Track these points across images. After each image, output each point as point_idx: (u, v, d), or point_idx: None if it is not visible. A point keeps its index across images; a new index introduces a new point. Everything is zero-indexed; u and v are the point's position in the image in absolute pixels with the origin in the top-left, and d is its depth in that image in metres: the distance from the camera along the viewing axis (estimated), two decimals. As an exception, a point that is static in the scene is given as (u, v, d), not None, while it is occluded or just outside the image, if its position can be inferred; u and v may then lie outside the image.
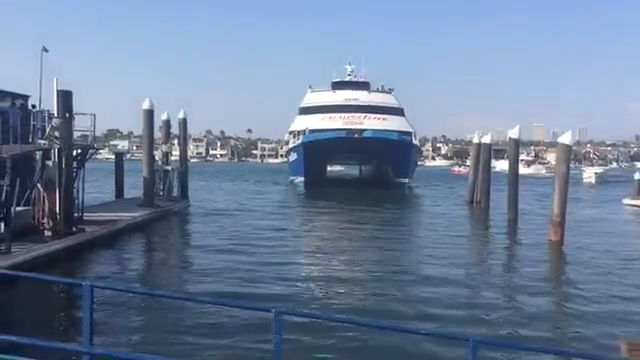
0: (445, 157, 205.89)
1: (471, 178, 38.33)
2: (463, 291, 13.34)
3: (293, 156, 57.67)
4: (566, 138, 21.56)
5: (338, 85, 63.54)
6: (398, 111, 61.30)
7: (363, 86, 63.02)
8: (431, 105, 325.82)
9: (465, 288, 13.68)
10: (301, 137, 55.28)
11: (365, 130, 53.98)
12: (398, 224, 27.46)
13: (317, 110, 60.00)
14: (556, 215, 20.86)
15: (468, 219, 31.71)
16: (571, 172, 22.33)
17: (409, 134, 56.96)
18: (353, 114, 58.09)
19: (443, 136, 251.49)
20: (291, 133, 61.93)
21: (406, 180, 53.76)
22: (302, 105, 63.93)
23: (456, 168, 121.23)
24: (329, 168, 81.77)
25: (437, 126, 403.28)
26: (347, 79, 65.42)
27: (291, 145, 59.82)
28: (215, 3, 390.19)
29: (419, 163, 72.30)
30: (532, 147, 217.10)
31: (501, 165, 61.00)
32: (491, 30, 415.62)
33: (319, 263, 17.19)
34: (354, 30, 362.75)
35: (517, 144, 29.51)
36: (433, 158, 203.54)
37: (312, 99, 63.11)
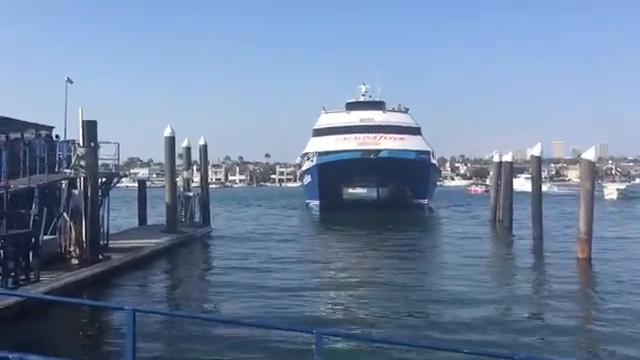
0: (464, 177, 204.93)
1: (493, 197, 38.02)
2: (497, 312, 13.17)
3: (307, 179, 56.02)
4: (590, 154, 21.32)
5: (352, 106, 62.25)
6: (415, 130, 59.77)
7: (378, 106, 61.60)
8: (448, 125, 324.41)
9: (499, 309, 13.50)
10: (315, 159, 53.72)
11: (381, 150, 51.99)
12: (419, 248, 26.34)
13: (331, 132, 58.79)
14: (583, 232, 20.55)
15: (492, 239, 31.28)
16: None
17: (427, 153, 55.16)
18: (368, 135, 56.52)
19: (461, 156, 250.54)
20: (304, 156, 60.64)
21: (425, 201, 52.03)
22: (316, 127, 62.64)
23: (472, 187, 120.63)
24: (350, 191, 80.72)
25: (455, 146, 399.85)
26: (362, 99, 63.98)
27: (305, 168, 58.16)
28: (231, 31, 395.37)
29: (438, 183, 70.05)
30: (552, 164, 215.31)
31: (517, 183, 60.06)
32: (508, 49, 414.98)
33: (339, 287, 16.68)
34: (369, 50, 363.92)
35: (539, 162, 29.32)
36: (452, 178, 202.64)
37: (326, 120, 61.79)
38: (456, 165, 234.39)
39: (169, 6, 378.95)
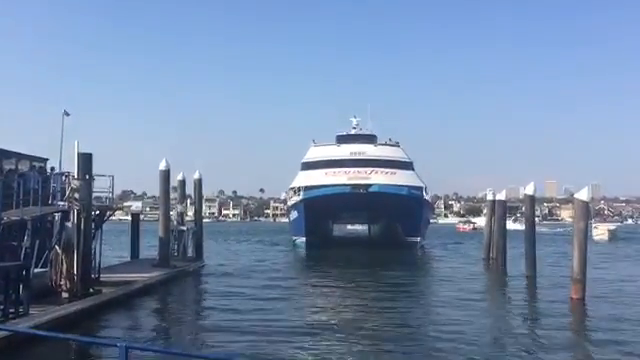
0: (458, 214, 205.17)
1: (486, 235, 38.00)
2: (491, 350, 13.02)
3: (294, 214, 54.16)
4: (583, 194, 21.41)
5: (343, 139, 60.40)
6: (407, 165, 57.75)
7: (369, 139, 59.64)
8: (442, 162, 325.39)
9: (492, 348, 13.35)
10: (301, 194, 51.58)
11: (371, 185, 49.73)
12: (409, 292, 23.89)
13: (320, 165, 56.76)
14: (576, 273, 20.51)
15: (487, 278, 30.93)
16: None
17: (419, 189, 53.02)
18: (359, 169, 54.36)
19: (455, 193, 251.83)
20: (292, 189, 58.22)
21: (417, 239, 50.17)
22: (304, 160, 60.47)
23: (460, 225, 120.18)
24: (349, 227, 79.02)
25: (448, 184, 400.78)
26: (352, 132, 62.15)
27: (291, 203, 56.08)
28: (223, 65, 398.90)
29: (431, 221, 68.47)
30: (545, 204, 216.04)
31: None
32: (503, 85, 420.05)
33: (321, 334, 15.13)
34: (360, 83, 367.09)
35: (533, 201, 29.45)
36: (446, 215, 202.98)
37: (315, 153, 59.73)
38: (449, 202, 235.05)
39: (165, 36, 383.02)
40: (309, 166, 58.54)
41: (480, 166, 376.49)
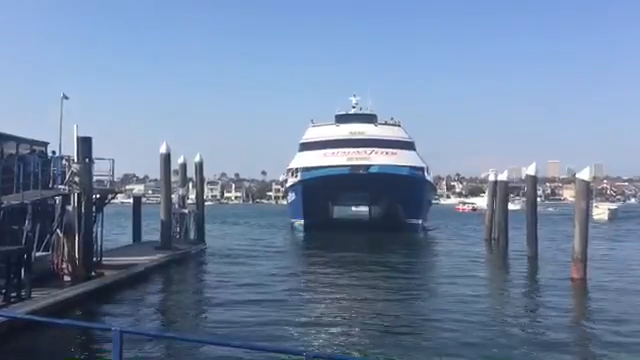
0: (460, 195, 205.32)
1: (488, 216, 38.04)
2: (492, 333, 13.01)
3: (291, 196, 52.62)
4: (584, 174, 21.38)
5: (342, 118, 58.14)
6: (408, 145, 55.26)
7: (369, 119, 57.43)
8: (444, 143, 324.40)
9: (493, 330, 13.36)
10: (299, 175, 50.32)
11: (371, 166, 47.85)
12: (411, 275, 23.04)
13: (319, 146, 54.62)
14: (577, 253, 20.58)
15: (488, 259, 30.89)
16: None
17: (421, 169, 51.31)
18: (358, 149, 52.20)
19: (457, 174, 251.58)
20: (289, 171, 56.43)
21: (419, 221, 48.51)
22: (303, 141, 58.31)
23: (460, 206, 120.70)
24: (353, 209, 76.93)
25: (451, 164, 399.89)
26: (352, 112, 59.95)
27: (289, 184, 54.38)
28: (227, 46, 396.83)
29: (433, 202, 66.14)
30: (547, 184, 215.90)
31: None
32: (506, 66, 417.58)
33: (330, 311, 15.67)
34: (362, 63, 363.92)
35: (535, 181, 29.38)
36: (448, 197, 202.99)
37: (314, 134, 57.56)
38: (452, 184, 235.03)
39: (168, 21, 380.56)
40: (307, 147, 56.65)
41: (483, 146, 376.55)
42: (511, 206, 41.15)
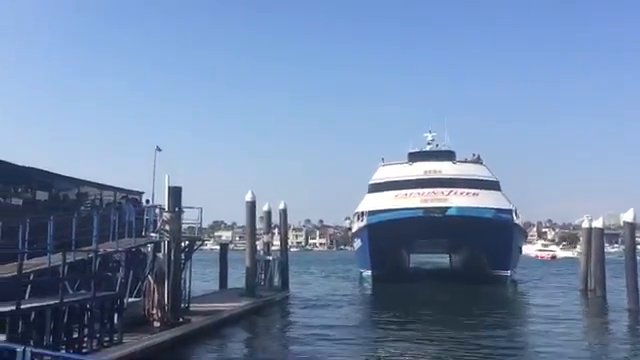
0: (552, 242, 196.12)
1: (583, 265, 36.13)
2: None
3: (358, 243, 48.11)
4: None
5: (416, 156, 52.71)
6: (493, 184, 48.60)
7: (446, 156, 51.79)
8: (532, 186, 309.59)
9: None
10: (365, 219, 45.56)
11: (449, 208, 42.92)
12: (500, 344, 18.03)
13: (389, 186, 49.27)
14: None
15: (587, 314, 28.09)
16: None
17: (509, 212, 44.46)
18: (434, 189, 46.63)
19: (549, 220, 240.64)
20: (355, 215, 51.46)
21: (507, 272, 42.88)
22: (372, 182, 52.48)
23: (539, 254, 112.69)
24: (433, 259, 71.30)
25: (541, 210, 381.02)
26: (427, 149, 55.14)
27: (354, 229, 50.24)
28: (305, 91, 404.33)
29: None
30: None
31: None
32: (602, 101, 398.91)
33: None
34: (438, 96, 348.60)
35: (633, 228, 27.85)
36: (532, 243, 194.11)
37: (384, 174, 51.81)
38: (543, 230, 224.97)
39: (248, 67, 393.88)
40: (376, 188, 50.96)
41: (577, 191, 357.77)
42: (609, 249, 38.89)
